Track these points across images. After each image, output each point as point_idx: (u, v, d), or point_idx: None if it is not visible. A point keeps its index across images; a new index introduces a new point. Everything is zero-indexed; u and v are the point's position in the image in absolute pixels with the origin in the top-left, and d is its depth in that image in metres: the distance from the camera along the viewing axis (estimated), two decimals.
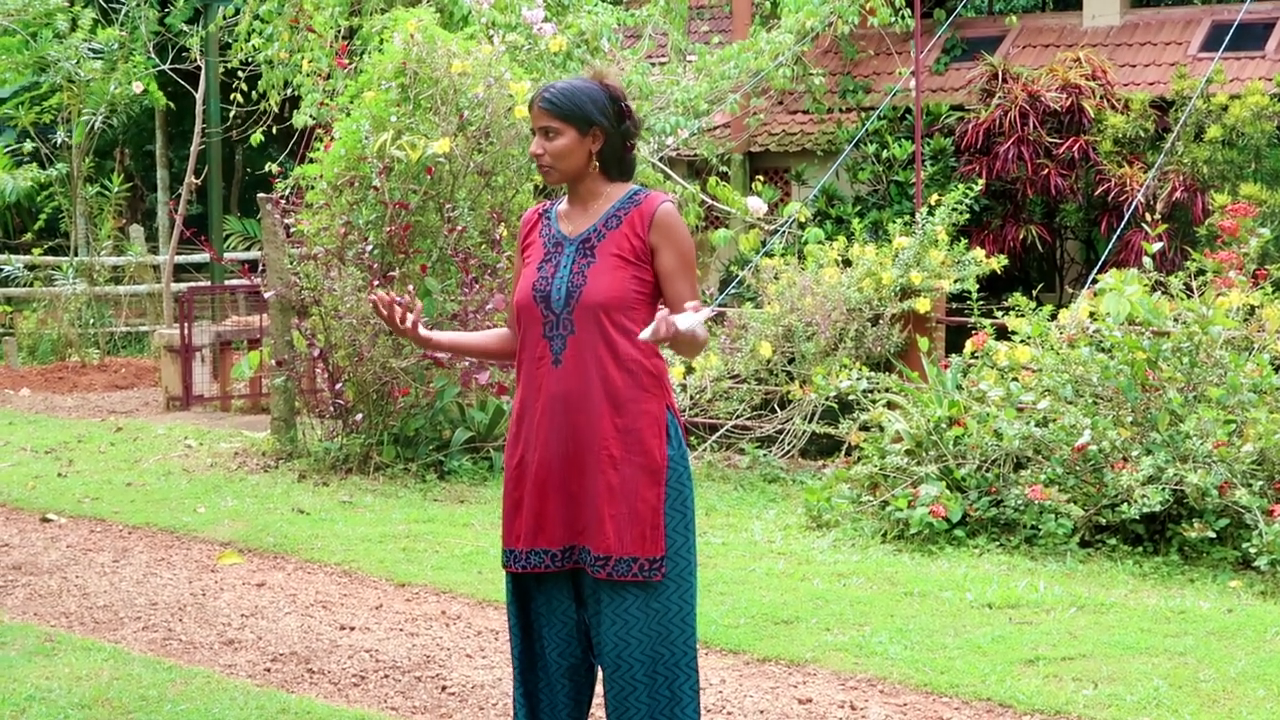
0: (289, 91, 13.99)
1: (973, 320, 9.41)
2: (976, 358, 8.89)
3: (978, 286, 10.39)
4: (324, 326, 10.31)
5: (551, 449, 4.23)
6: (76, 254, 18.57)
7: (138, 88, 17.40)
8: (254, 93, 14.41)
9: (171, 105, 19.24)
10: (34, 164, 19.33)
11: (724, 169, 15.20)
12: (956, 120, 15.01)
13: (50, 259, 19.05)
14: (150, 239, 21.30)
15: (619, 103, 4.30)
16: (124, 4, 17.92)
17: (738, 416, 10.35)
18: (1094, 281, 9.00)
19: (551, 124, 4.24)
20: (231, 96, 15.36)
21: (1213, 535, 7.38)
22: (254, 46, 14.01)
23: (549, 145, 4.26)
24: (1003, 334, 8.97)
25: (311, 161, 10.83)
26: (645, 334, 4.01)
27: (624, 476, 4.16)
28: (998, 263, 10.91)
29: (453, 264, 10.26)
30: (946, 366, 9.30)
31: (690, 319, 4.02)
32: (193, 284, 17.99)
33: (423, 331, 4.43)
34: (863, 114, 15.67)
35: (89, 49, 17.46)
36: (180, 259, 19.12)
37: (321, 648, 6.40)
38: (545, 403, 4.24)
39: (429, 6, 11.84)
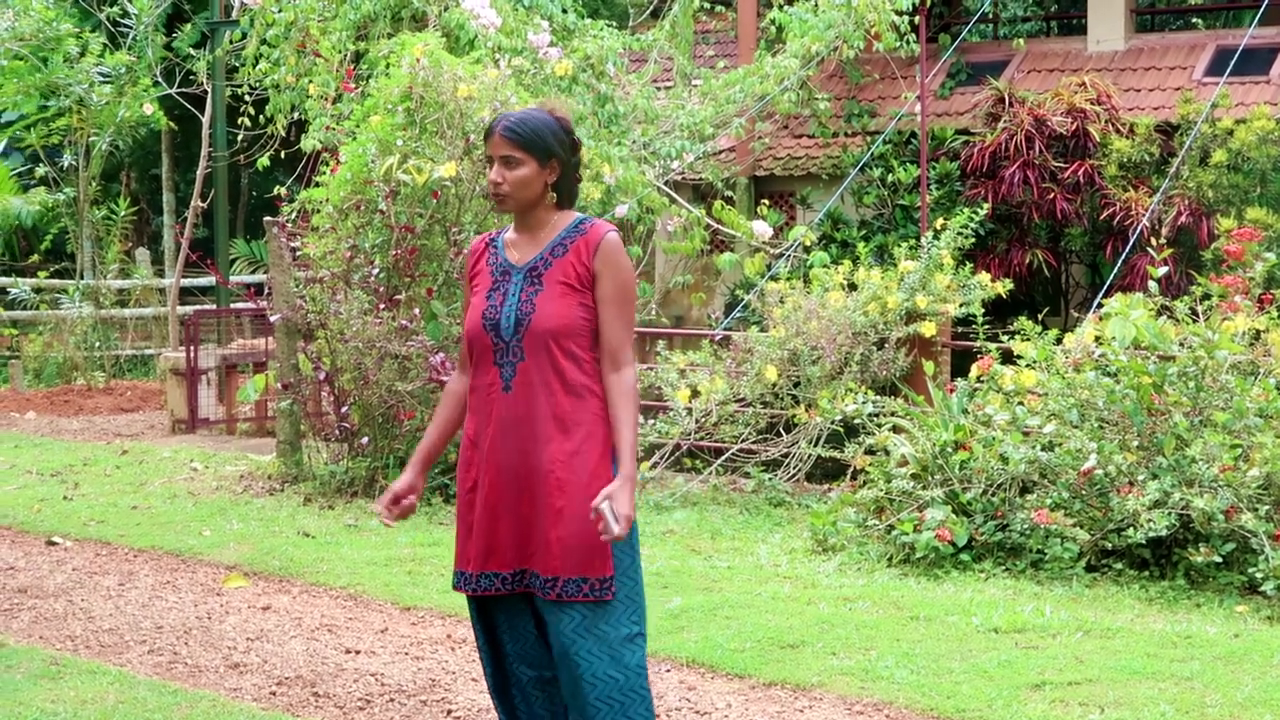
0: (295, 115, 14.03)
1: (978, 344, 9.41)
2: (982, 382, 8.88)
3: (983, 310, 10.39)
4: (330, 350, 10.32)
5: (503, 473, 4.31)
6: (83, 277, 18.61)
7: (148, 109, 17.46)
8: (261, 117, 14.46)
9: (175, 127, 19.29)
10: (42, 187, 19.39)
11: (729, 193, 15.23)
12: (962, 144, 15.04)
13: (56, 282, 19.09)
14: (156, 262, 21.36)
15: (570, 134, 4.39)
16: (132, 28, 17.98)
17: (743, 440, 10.35)
18: (1099, 305, 9.00)
19: (514, 153, 4.30)
20: (240, 121, 15.42)
21: (1219, 560, 7.36)
22: (261, 71, 14.05)
23: (510, 174, 4.31)
24: (1008, 358, 8.96)
25: (318, 185, 10.86)
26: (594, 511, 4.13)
27: (570, 499, 4.22)
28: (1003, 287, 10.91)
29: (458, 287, 10.27)
30: (952, 390, 9.30)
31: (610, 518, 4.11)
32: (198, 307, 18.02)
33: (417, 484, 4.53)
34: (868, 138, 15.70)
35: (98, 73, 17.53)
36: (186, 282, 19.15)
37: (327, 671, 6.40)
38: (496, 428, 4.32)
39: (435, 31, 11.89)
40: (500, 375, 4.32)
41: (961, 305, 10.67)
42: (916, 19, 14.12)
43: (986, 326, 9.77)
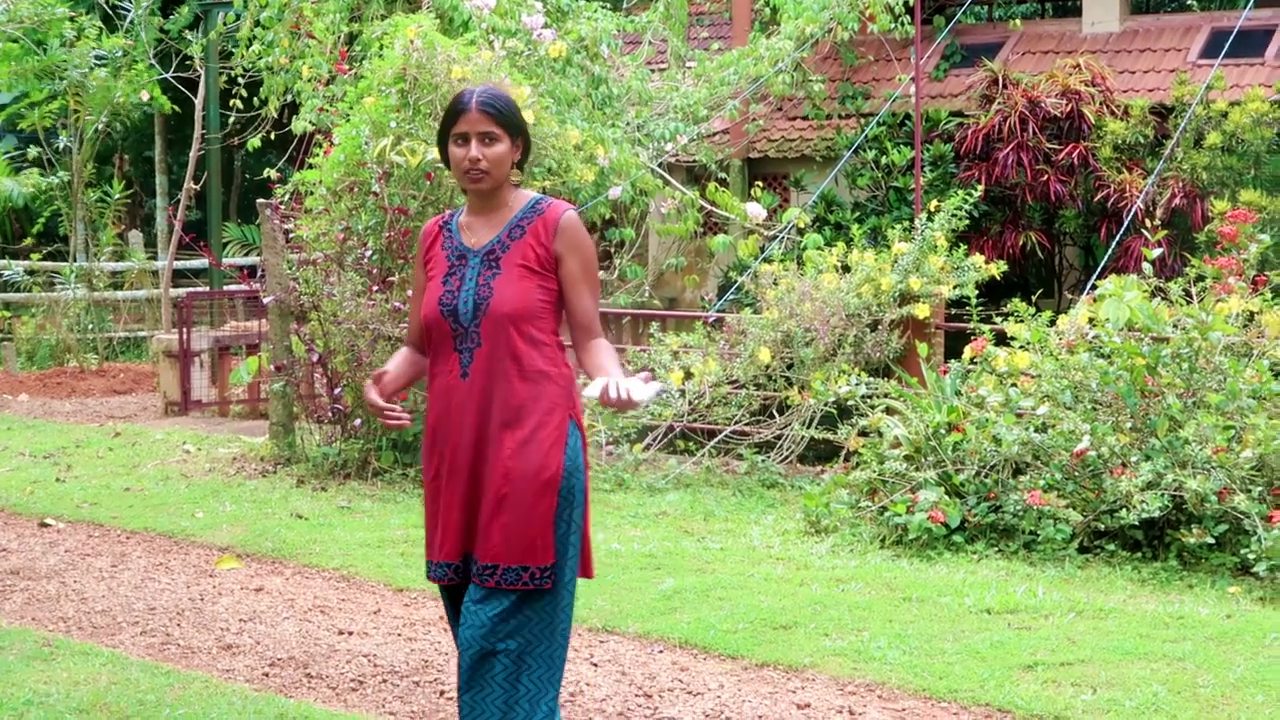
0: (288, 97, 14.00)
1: (972, 326, 9.41)
2: (975, 363, 8.88)
3: (977, 292, 10.38)
4: (323, 332, 10.31)
5: (460, 461, 4.22)
6: (76, 259, 18.58)
7: (144, 96, 17.43)
8: (254, 99, 14.42)
9: (177, 110, 19.26)
10: (35, 169, 19.35)
11: (723, 175, 15.20)
12: (956, 126, 15.01)
13: (50, 264, 19.06)
14: (149, 244, 21.32)
15: (519, 111, 4.34)
16: (128, 11, 17.93)
17: (736, 422, 10.35)
18: (1093, 287, 9.00)
19: (492, 129, 4.21)
20: (231, 103, 15.37)
21: (1211, 541, 7.37)
22: (255, 53, 14.01)
23: (489, 152, 4.22)
24: (1002, 340, 8.96)
25: (311, 167, 10.84)
26: (592, 391, 4.03)
27: (515, 487, 4.14)
28: (997, 269, 10.90)
29: None
30: (945, 372, 9.30)
31: (645, 392, 4.04)
32: (191, 289, 18.00)
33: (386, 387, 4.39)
34: (862, 120, 15.67)
35: (94, 57, 17.49)
36: (179, 264, 19.12)
37: (320, 652, 6.39)
38: (455, 415, 4.22)
39: (429, 13, 11.85)
40: (459, 362, 4.21)
41: (955, 287, 10.67)
42: (911, 0, 14.08)
43: (980, 308, 9.77)
